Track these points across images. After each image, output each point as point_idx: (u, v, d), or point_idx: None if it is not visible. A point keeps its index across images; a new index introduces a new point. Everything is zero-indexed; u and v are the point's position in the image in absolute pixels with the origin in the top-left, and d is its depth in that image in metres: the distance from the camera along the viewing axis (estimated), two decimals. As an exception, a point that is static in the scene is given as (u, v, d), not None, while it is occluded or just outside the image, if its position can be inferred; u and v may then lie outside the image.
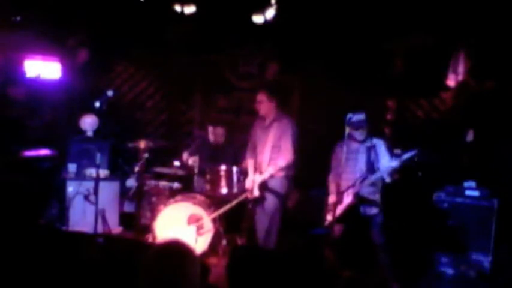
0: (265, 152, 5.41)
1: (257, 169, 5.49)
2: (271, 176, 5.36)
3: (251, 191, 5.41)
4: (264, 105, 5.43)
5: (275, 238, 5.43)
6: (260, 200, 5.45)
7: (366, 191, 4.79)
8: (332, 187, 5.06)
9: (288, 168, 5.35)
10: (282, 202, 5.46)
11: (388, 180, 4.70)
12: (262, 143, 5.48)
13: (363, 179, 4.76)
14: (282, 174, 5.37)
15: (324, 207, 5.20)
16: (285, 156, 5.30)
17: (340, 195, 4.86)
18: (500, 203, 5.40)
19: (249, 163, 5.63)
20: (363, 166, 4.82)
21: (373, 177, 4.72)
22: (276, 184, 5.39)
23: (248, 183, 5.48)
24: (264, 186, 5.40)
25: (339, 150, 4.90)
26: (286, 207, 5.78)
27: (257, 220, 5.52)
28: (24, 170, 6.00)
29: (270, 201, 5.42)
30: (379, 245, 4.82)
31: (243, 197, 5.49)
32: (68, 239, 3.94)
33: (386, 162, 4.67)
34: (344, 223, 4.89)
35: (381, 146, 4.86)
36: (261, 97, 5.44)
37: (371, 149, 4.82)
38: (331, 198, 5.01)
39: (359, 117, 4.80)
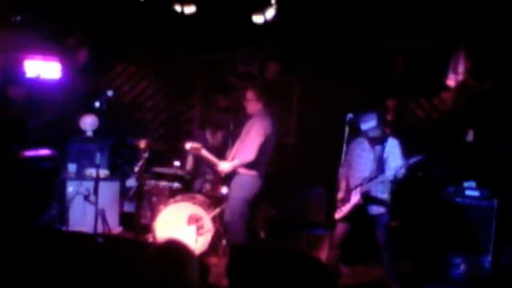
0: (235, 144, 5.46)
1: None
2: (238, 173, 5.33)
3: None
4: (251, 103, 5.41)
5: (240, 234, 5.35)
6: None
7: (375, 189, 4.73)
8: (342, 184, 4.98)
9: (255, 166, 5.26)
10: (244, 201, 5.35)
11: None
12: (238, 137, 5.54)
13: (372, 178, 4.70)
14: (249, 173, 5.31)
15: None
16: (244, 155, 5.25)
17: (348, 193, 4.84)
18: (500, 203, 5.39)
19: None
20: (374, 165, 4.74)
21: (382, 178, 4.63)
22: (239, 182, 5.35)
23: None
24: (228, 182, 5.42)
25: (353, 147, 4.85)
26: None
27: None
28: (24, 170, 6.00)
29: (232, 197, 5.40)
30: (383, 245, 4.81)
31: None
32: (68, 239, 3.94)
33: (397, 167, 4.55)
34: (349, 222, 4.87)
35: (395, 147, 4.73)
36: (250, 95, 5.42)
37: (384, 148, 4.72)
38: (340, 195, 4.95)
39: (370, 124, 4.64)
